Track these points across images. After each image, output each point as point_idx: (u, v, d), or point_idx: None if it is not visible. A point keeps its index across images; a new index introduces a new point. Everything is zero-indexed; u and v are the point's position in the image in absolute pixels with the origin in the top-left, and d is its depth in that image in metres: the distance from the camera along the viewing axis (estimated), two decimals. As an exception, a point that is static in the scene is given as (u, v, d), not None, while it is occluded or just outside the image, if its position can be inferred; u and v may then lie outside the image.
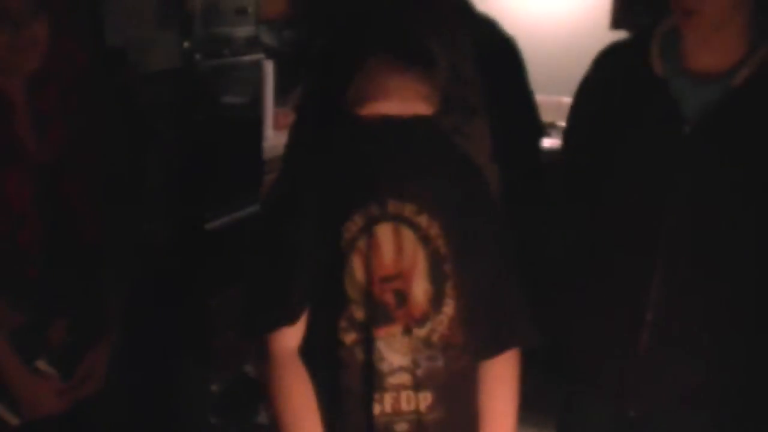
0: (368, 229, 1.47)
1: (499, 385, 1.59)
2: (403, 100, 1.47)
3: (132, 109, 2.56)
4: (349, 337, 1.49)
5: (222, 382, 3.29)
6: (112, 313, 1.88)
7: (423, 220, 1.49)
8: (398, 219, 1.48)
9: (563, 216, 1.95)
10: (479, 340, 1.56)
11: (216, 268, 3.27)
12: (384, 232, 1.48)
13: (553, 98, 4.29)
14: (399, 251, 1.48)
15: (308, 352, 1.53)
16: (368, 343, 1.48)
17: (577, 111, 1.93)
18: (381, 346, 1.48)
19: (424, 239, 1.49)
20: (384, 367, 1.48)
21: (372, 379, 1.48)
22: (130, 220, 1.95)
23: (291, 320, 1.50)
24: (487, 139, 1.90)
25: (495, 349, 1.58)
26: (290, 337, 1.51)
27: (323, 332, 1.51)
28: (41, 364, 1.78)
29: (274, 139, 3.70)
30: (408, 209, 1.49)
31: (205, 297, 3.26)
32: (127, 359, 1.99)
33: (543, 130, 2.23)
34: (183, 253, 3.14)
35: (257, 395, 3.34)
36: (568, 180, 1.95)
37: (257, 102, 3.65)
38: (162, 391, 2.89)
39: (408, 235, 1.49)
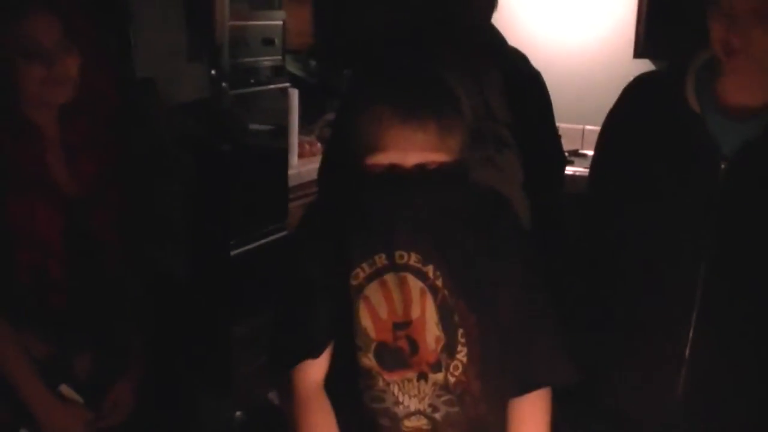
0: (375, 278, 1.49)
1: (528, 426, 1.57)
2: (410, 150, 1.44)
3: (160, 140, 2.60)
4: (363, 381, 1.51)
5: (246, 410, 3.29)
6: (138, 344, 1.90)
7: (429, 270, 1.49)
8: (405, 269, 1.49)
9: (589, 250, 1.93)
10: (507, 379, 1.55)
11: (241, 296, 3.28)
12: (392, 282, 1.49)
13: (578, 126, 4.30)
14: (407, 300, 1.49)
15: (332, 386, 1.55)
16: (380, 388, 1.50)
17: (606, 143, 1.90)
18: (395, 390, 1.50)
19: (432, 289, 1.49)
20: (399, 410, 1.50)
21: (387, 422, 1.50)
22: (155, 250, 1.97)
23: (313, 354, 1.52)
24: (518, 170, 1.91)
25: (522, 388, 1.57)
26: (314, 371, 1.53)
27: (342, 371, 1.53)
28: (65, 390, 1.79)
29: (299, 167, 3.73)
30: (414, 259, 1.49)
31: (230, 324, 3.27)
32: (151, 387, 2.01)
33: (566, 160, 2.24)
34: (208, 281, 3.16)
35: (281, 423, 3.34)
36: (595, 211, 1.93)
37: (283, 130, 3.69)
38: (186, 419, 2.90)
39: (416, 285, 1.49)
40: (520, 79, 2.03)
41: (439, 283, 1.49)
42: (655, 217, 1.75)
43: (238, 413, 3.26)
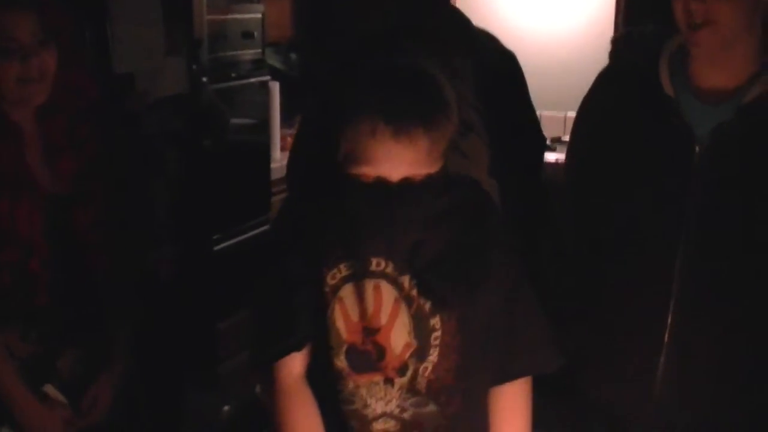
0: (351, 280, 1.49)
1: (510, 415, 1.58)
2: (398, 165, 1.43)
3: (140, 136, 2.58)
4: (335, 382, 1.51)
5: (232, 405, 3.29)
6: (119, 342, 1.89)
7: (405, 280, 1.49)
8: (381, 276, 1.49)
9: (569, 236, 1.93)
10: (486, 369, 1.56)
11: (225, 291, 3.28)
12: (367, 288, 1.49)
13: (559, 113, 4.31)
14: (377, 307, 1.49)
15: (312, 380, 1.55)
16: (350, 390, 1.51)
17: (581, 130, 1.91)
18: (363, 392, 1.50)
19: (407, 299, 1.49)
20: (368, 413, 1.51)
21: (357, 424, 1.51)
22: (138, 247, 1.96)
23: (296, 348, 1.52)
24: (484, 154, 1.90)
25: (504, 377, 1.58)
26: (296, 365, 1.53)
27: (317, 372, 1.54)
28: (50, 389, 1.79)
29: (282, 160, 3.72)
30: (390, 268, 1.49)
31: (215, 319, 3.27)
32: (136, 383, 2.00)
33: (545, 144, 2.23)
34: (192, 276, 3.15)
35: (268, 416, 3.34)
36: (572, 200, 1.94)
37: (264, 124, 3.68)
38: (172, 415, 2.90)
39: (390, 293, 1.49)
40: (490, 60, 2.01)
41: (414, 293, 1.49)
42: (631, 203, 1.75)
43: (225, 407, 3.26)
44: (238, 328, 3.29)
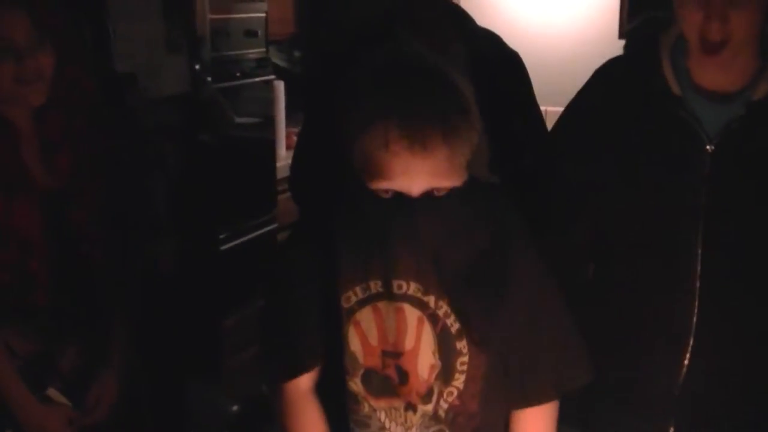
0: (368, 303, 1.42)
1: None
2: (413, 178, 1.31)
3: (141, 133, 2.59)
4: (349, 404, 1.47)
5: (238, 402, 3.29)
6: (121, 339, 1.88)
7: (430, 300, 1.41)
8: (402, 299, 1.41)
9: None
10: (509, 392, 1.50)
11: (231, 289, 3.28)
12: (386, 310, 1.41)
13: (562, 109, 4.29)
14: (401, 330, 1.41)
15: (322, 396, 1.51)
16: (365, 413, 1.46)
17: (575, 122, 1.88)
18: (382, 416, 1.45)
19: (432, 318, 1.41)
20: None
21: None
22: (138, 244, 1.95)
23: (305, 370, 1.48)
24: (484, 151, 1.88)
25: (525, 400, 1.50)
26: (304, 381, 1.49)
27: (329, 392, 1.49)
28: (53, 393, 1.79)
29: (287, 158, 3.72)
30: (413, 289, 1.41)
31: (220, 318, 3.27)
32: (140, 381, 2.00)
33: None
34: (197, 275, 3.16)
35: (274, 413, 3.34)
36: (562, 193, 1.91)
37: (269, 122, 3.68)
38: (178, 413, 2.90)
39: (414, 314, 1.41)
40: (492, 60, 2.00)
41: (440, 312, 1.41)
42: (642, 205, 1.73)
43: (234, 407, 3.26)
44: (243, 325, 3.29)
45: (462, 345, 1.43)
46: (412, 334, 1.41)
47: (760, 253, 1.67)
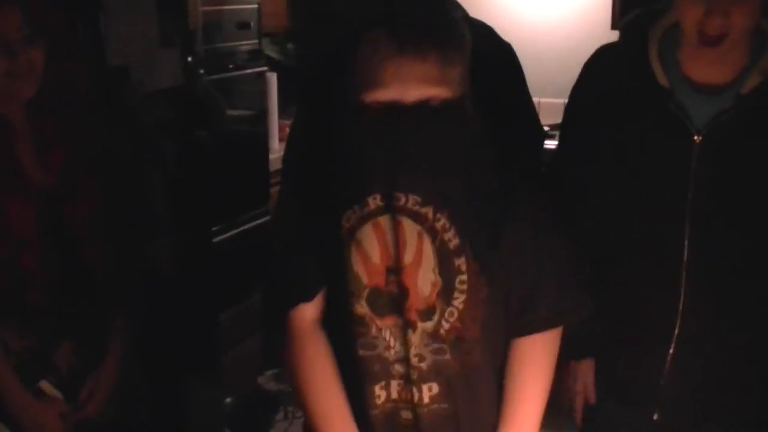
0: (368, 220, 1.42)
1: (529, 367, 1.50)
2: (409, 85, 1.33)
3: (136, 128, 2.58)
4: (356, 329, 1.46)
5: (235, 396, 3.30)
6: (117, 335, 1.88)
7: (428, 212, 1.40)
8: (401, 211, 1.40)
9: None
10: (509, 320, 1.49)
11: (224, 282, 3.28)
12: (385, 224, 1.41)
13: (558, 101, 4.29)
14: (402, 244, 1.41)
15: (327, 325, 1.51)
16: (373, 335, 1.45)
17: (573, 118, 1.89)
18: (387, 335, 1.45)
19: (430, 231, 1.41)
20: (390, 355, 1.45)
21: (378, 365, 1.46)
22: (134, 240, 1.95)
23: (306, 298, 1.49)
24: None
25: (525, 327, 1.50)
26: (309, 311, 1.49)
27: (336, 314, 1.49)
28: (45, 385, 1.78)
29: (280, 151, 3.71)
30: (411, 201, 1.40)
31: (216, 311, 3.27)
32: (136, 377, 2.00)
33: (544, 135, 2.22)
34: (192, 268, 3.15)
35: (270, 406, 3.35)
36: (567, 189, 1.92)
37: (262, 115, 3.67)
38: (175, 406, 2.90)
39: (412, 228, 1.41)
40: (485, 51, 2.00)
41: (438, 226, 1.40)
42: (629, 196, 1.74)
43: (228, 399, 3.26)
44: (239, 318, 3.30)
45: (461, 262, 1.42)
46: (412, 248, 1.41)
47: (745, 245, 1.69)
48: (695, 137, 1.65)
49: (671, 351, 1.73)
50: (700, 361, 1.73)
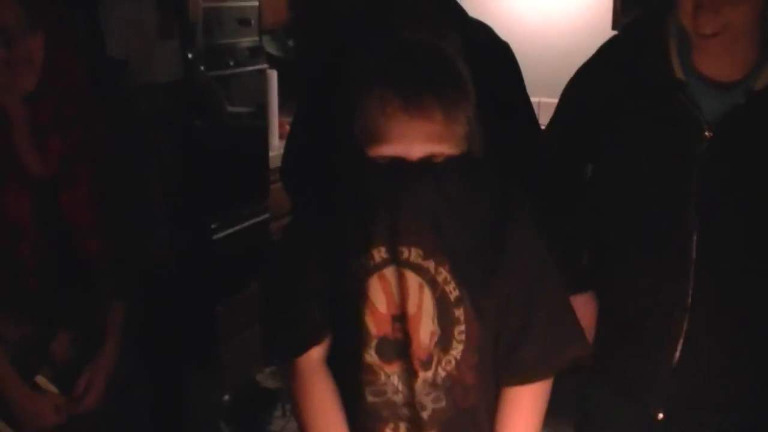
0: (374, 272, 1.44)
1: (518, 414, 1.51)
2: (414, 142, 1.36)
3: (133, 120, 2.57)
4: (365, 377, 1.48)
5: (233, 391, 3.29)
6: (113, 326, 1.88)
7: (430, 265, 1.43)
8: (405, 265, 1.43)
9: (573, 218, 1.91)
10: (503, 367, 1.51)
11: (223, 278, 3.28)
12: (391, 276, 1.44)
13: (556, 100, 4.29)
14: (404, 295, 1.44)
15: (335, 372, 1.52)
16: (382, 382, 1.47)
17: (575, 103, 1.88)
18: (395, 380, 1.47)
19: (431, 283, 1.44)
20: (398, 399, 1.47)
21: (387, 411, 1.48)
22: (131, 231, 1.95)
23: (318, 342, 1.49)
24: (479, 137, 1.88)
25: (514, 377, 1.51)
26: (316, 352, 1.50)
27: (344, 362, 1.50)
28: (41, 380, 1.78)
29: (280, 148, 3.71)
30: (414, 254, 1.43)
31: (214, 306, 3.27)
32: (133, 370, 2.00)
33: (540, 132, 2.22)
34: (190, 263, 3.15)
35: (268, 403, 3.35)
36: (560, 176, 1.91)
37: (262, 112, 3.67)
38: (172, 401, 2.90)
39: (415, 280, 1.44)
40: (483, 51, 2.01)
41: (440, 278, 1.44)
42: (637, 188, 1.74)
43: (225, 396, 3.26)
44: (236, 315, 3.29)
45: (460, 313, 1.45)
46: (414, 299, 1.44)
47: (753, 242, 1.69)
48: (706, 132, 1.65)
49: (678, 349, 1.72)
50: (706, 358, 1.73)
